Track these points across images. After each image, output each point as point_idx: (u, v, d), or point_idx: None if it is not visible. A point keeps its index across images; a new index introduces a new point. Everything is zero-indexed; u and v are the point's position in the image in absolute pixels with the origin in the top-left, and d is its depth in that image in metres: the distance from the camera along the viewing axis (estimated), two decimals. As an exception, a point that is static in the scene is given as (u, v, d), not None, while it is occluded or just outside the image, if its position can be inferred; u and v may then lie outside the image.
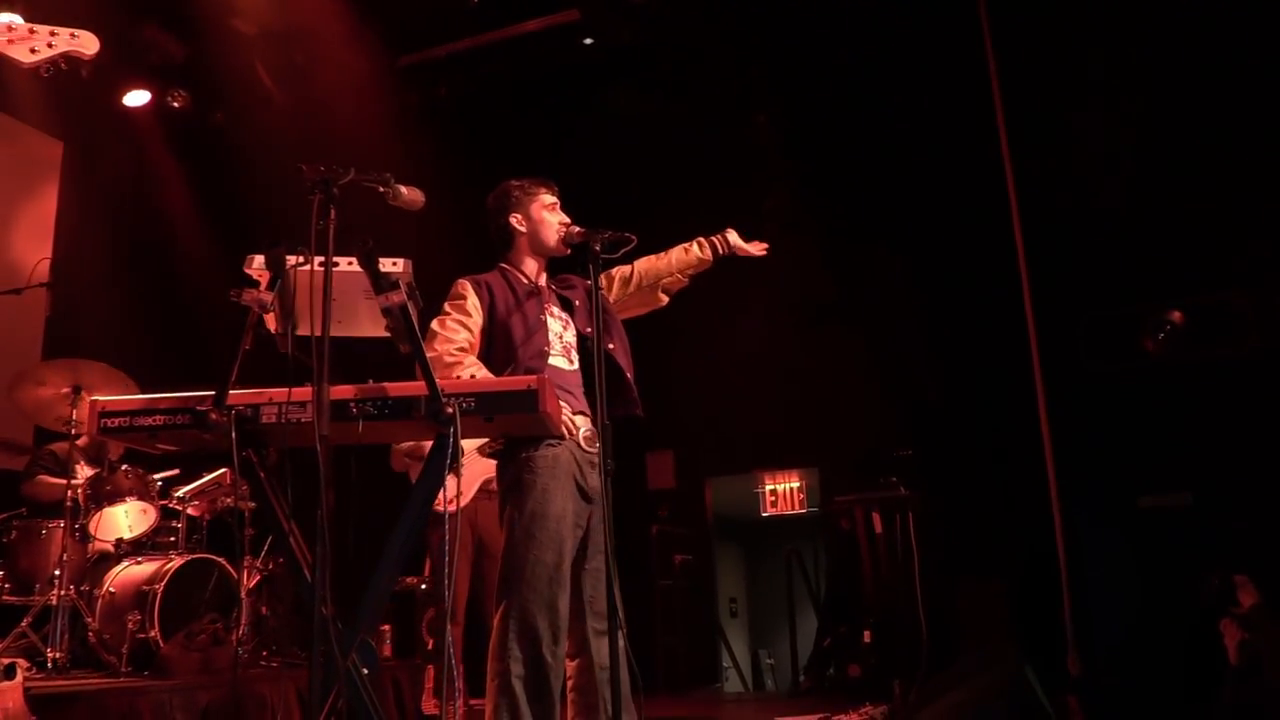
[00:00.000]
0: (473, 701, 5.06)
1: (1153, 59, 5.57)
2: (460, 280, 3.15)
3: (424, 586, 6.15)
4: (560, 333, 3.16)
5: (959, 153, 6.33)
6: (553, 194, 3.28)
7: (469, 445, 4.79)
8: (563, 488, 2.92)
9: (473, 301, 3.10)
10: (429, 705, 5.63)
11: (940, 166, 6.49)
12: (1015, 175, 5.82)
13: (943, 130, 6.49)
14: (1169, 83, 5.52)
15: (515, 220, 3.24)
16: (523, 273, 3.24)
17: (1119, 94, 5.64)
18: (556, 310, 3.22)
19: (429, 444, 4.61)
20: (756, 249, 3.74)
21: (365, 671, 2.38)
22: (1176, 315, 5.54)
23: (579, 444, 3.00)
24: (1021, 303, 5.80)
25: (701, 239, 3.63)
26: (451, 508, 4.71)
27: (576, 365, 3.16)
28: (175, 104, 7.48)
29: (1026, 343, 5.77)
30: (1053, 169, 5.81)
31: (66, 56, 2.27)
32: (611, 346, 3.14)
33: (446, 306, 3.10)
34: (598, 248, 2.81)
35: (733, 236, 3.68)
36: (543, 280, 3.28)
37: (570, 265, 3.18)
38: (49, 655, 4.80)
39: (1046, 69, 5.87)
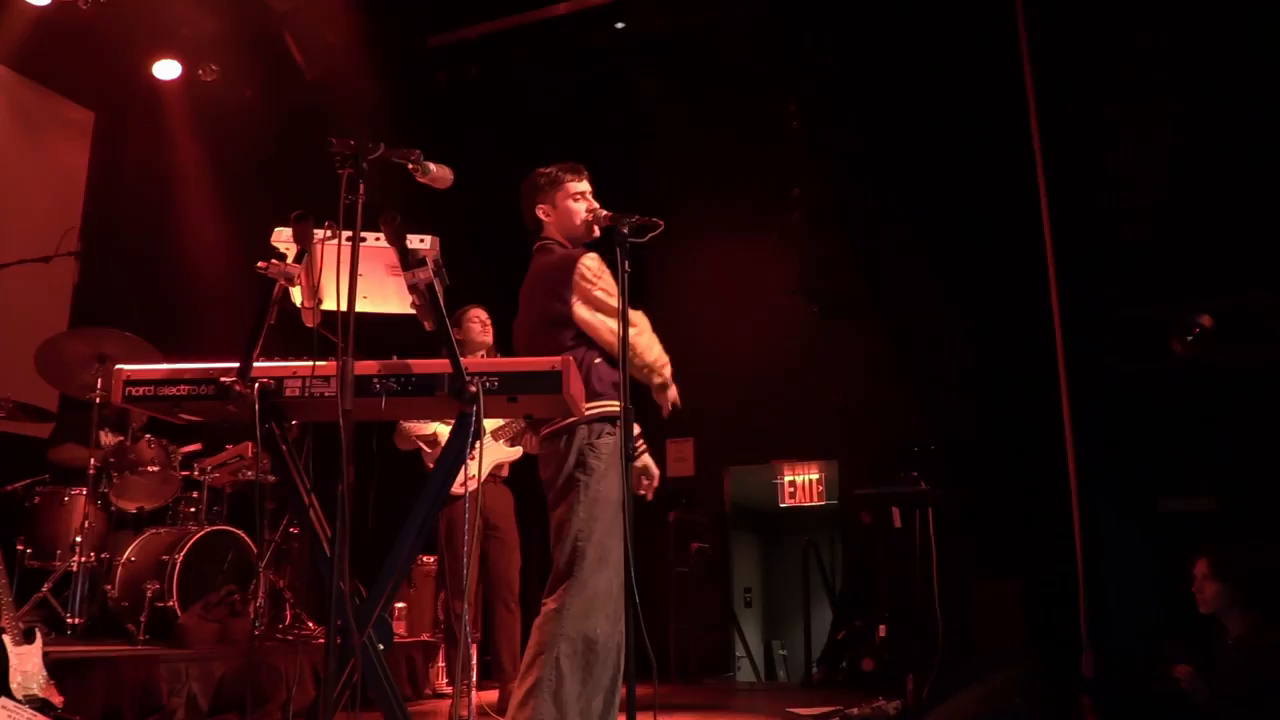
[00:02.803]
0: (487, 683, 5.09)
1: (1189, 54, 5.49)
2: (591, 255, 3.12)
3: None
4: None
5: (990, 146, 6.27)
6: (581, 180, 3.24)
7: (487, 425, 4.82)
8: (618, 474, 2.94)
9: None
10: (443, 684, 5.66)
11: (970, 160, 6.43)
12: (1046, 170, 5.75)
13: (974, 123, 6.43)
14: (1205, 79, 5.44)
15: (541, 211, 3.22)
16: None
17: (1154, 90, 5.56)
18: None
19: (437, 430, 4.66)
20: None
21: (381, 647, 2.38)
22: (1206, 319, 5.47)
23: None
24: (1048, 300, 5.74)
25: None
26: (473, 485, 4.78)
27: None
28: (206, 78, 7.50)
29: (1052, 341, 5.72)
30: (1085, 165, 5.74)
31: None
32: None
33: (607, 284, 3.05)
34: (625, 230, 2.79)
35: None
36: None
37: (599, 248, 3.16)
38: (68, 621, 4.85)
39: (1081, 62, 5.79)
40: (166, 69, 7.39)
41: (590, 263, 3.09)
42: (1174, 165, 5.48)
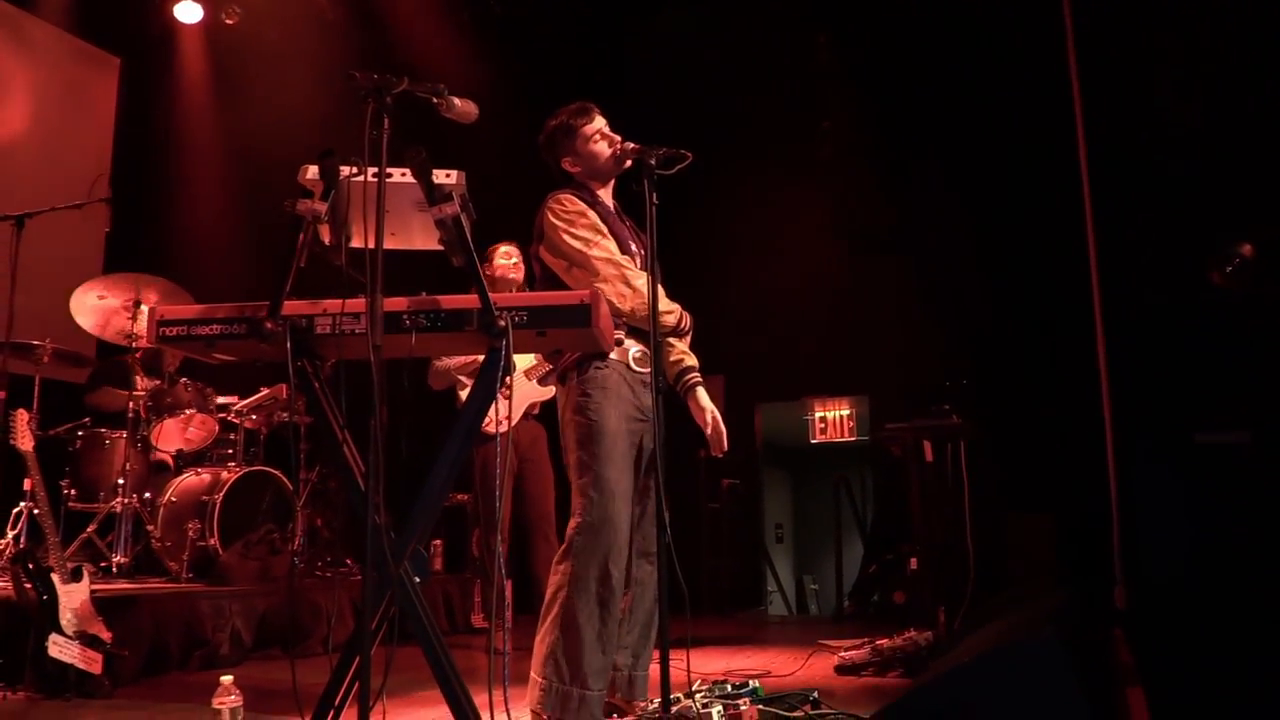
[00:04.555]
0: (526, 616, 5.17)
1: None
2: (565, 196, 3.04)
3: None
4: (635, 253, 3.10)
5: (1023, 72, 6.13)
6: (593, 119, 3.14)
7: (520, 364, 4.84)
8: (615, 407, 2.93)
9: (595, 218, 3.03)
10: (478, 619, 5.76)
11: (1003, 87, 6.29)
12: (1083, 100, 5.62)
13: (1008, 54, 6.28)
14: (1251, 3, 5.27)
15: (567, 163, 3.15)
16: (597, 197, 3.15)
17: (1198, 11, 5.40)
18: (628, 232, 3.17)
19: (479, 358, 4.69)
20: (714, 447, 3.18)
21: (417, 580, 2.42)
22: (1246, 248, 5.36)
23: (629, 365, 2.99)
24: (1083, 231, 5.64)
25: (691, 364, 3.20)
26: (503, 427, 4.81)
27: None
28: (229, 20, 7.47)
29: (1087, 272, 5.63)
30: (1123, 93, 5.60)
31: None
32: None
33: (580, 229, 2.97)
34: (653, 162, 2.75)
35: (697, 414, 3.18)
36: (611, 203, 3.22)
37: (627, 180, 3.12)
38: (113, 560, 4.97)
39: (1121, -12, 5.63)
40: (189, 12, 7.37)
41: (559, 204, 3.01)
42: (1215, 92, 5.34)
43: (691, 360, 3.20)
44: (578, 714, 2.77)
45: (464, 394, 4.80)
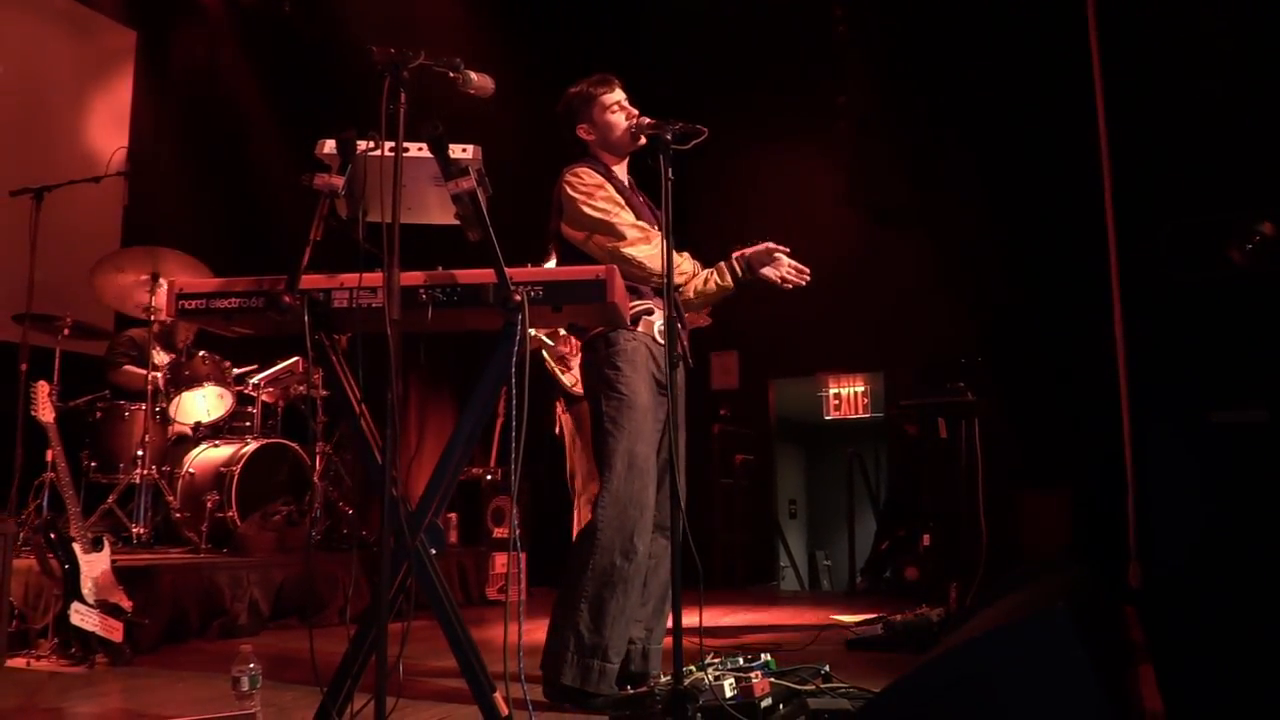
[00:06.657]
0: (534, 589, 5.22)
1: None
2: (583, 169, 3.07)
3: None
4: (652, 222, 3.11)
5: (1041, 43, 6.07)
6: (613, 90, 3.15)
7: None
8: (644, 380, 2.94)
9: (612, 190, 3.05)
10: (493, 591, 5.81)
11: (1021, 59, 6.23)
12: (1103, 72, 5.56)
13: (1026, 24, 6.21)
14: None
15: (582, 131, 3.16)
16: (612, 171, 3.17)
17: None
18: (643, 206, 3.18)
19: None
20: (790, 276, 3.20)
21: (433, 552, 2.44)
22: (1267, 226, 5.31)
23: (654, 338, 3.00)
24: (1101, 207, 5.60)
25: (722, 264, 3.17)
26: (578, 390, 4.79)
27: None
28: (244, -8, 7.48)
29: (1105, 249, 5.59)
30: (1143, 66, 5.54)
31: None
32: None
33: (599, 200, 3.01)
34: (668, 138, 2.75)
35: (767, 269, 3.16)
36: (626, 179, 3.22)
37: (642, 157, 3.12)
38: (133, 530, 5.03)
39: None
40: (206, -15, 7.37)
41: (576, 178, 3.04)
42: (1235, 66, 5.28)
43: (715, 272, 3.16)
44: (597, 685, 2.82)
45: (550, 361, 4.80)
